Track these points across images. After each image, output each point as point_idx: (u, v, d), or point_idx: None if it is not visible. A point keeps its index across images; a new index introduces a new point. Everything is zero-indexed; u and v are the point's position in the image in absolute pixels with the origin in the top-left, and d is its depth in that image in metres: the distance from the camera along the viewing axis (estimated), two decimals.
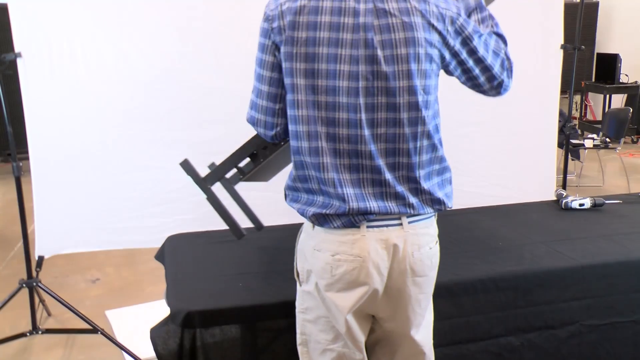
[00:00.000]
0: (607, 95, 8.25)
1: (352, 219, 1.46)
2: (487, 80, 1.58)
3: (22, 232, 2.90)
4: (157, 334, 1.77)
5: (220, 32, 2.95)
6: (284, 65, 1.45)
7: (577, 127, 6.69)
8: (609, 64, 8.08)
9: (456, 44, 1.50)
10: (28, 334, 2.97)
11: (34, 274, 2.97)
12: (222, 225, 1.76)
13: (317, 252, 1.51)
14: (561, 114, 4.16)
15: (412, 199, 1.48)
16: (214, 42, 2.96)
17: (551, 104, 3.75)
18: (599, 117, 8.55)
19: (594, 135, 5.68)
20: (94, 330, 2.87)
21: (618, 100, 8.38)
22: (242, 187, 1.79)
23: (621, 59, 8.02)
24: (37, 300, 3.06)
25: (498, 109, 3.39)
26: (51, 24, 2.78)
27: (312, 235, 1.52)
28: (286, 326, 1.73)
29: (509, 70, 1.62)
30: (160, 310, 1.94)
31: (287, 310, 1.71)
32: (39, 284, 2.96)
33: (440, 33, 1.46)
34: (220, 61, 2.96)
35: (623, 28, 8.73)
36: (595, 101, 9.05)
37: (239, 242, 1.82)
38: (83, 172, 2.92)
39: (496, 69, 1.58)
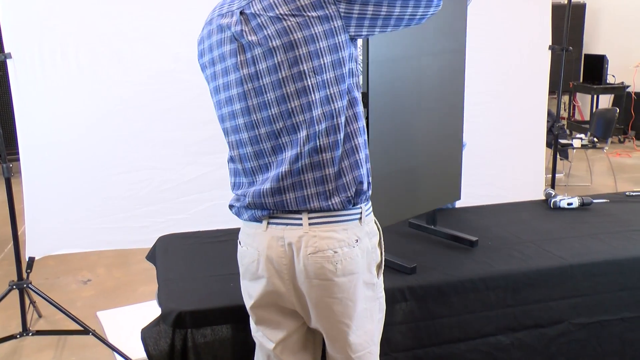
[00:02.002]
0: (595, 96, 8.30)
1: (255, 214, 1.49)
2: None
3: (12, 234, 2.88)
4: (149, 335, 1.76)
5: None
6: None
7: (565, 127, 6.72)
8: (596, 65, 8.13)
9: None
10: (18, 336, 2.95)
11: (25, 275, 2.95)
12: (213, 226, 1.76)
13: (238, 241, 1.58)
14: (549, 114, 4.18)
15: (314, 200, 1.45)
16: None
17: (540, 104, 3.77)
18: (587, 117, 8.60)
19: (582, 135, 5.71)
20: (85, 331, 2.85)
21: (605, 101, 8.43)
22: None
23: (608, 60, 8.07)
24: (27, 301, 3.04)
25: (487, 109, 3.41)
26: (42, 24, 2.76)
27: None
28: None
29: None
30: (151, 310, 1.93)
31: None
32: (30, 286, 2.94)
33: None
34: None
35: (610, 30, 8.79)
36: (583, 101, 9.10)
37: (230, 242, 1.82)
38: (74, 173, 2.91)
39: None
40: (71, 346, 3.01)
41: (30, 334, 2.98)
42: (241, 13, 1.46)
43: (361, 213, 1.48)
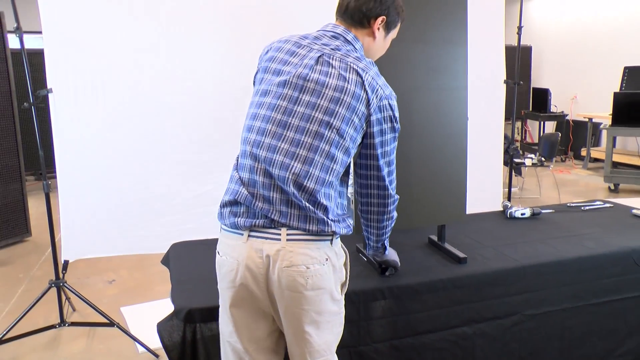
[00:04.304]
0: (542, 122, 8.36)
1: (238, 222, 1.42)
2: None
3: (51, 240, 2.88)
4: (163, 328, 1.72)
5: (224, 73, 2.95)
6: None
7: (518, 148, 6.73)
8: (542, 97, 8.21)
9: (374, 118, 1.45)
10: (57, 326, 2.94)
11: (61, 275, 2.95)
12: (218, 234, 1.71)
13: (216, 252, 1.51)
14: (505, 137, 4.17)
15: (294, 220, 1.39)
16: (215, 78, 2.96)
17: (497, 128, 3.77)
18: (536, 140, 8.65)
19: (532, 155, 5.71)
20: (111, 324, 2.84)
21: (550, 126, 8.49)
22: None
23: (551, 93, 8.15)
24: (63, 297, 3.03)
25: None
26: (77, 66, 2.79)
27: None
28: None
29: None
30: (166, 307, 1.88)
31: None
32: (65, 284, 2.94)
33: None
34: (223, 96, 2.94)
35: (552, 68, 8.90)
36: (533, 127, 9.17)
37: None
38: (101, 189, 2.90)
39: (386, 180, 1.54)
40: (99, 336, 2.97)
41: (67, 325, 2.96)
42: (320, 56, 1.44)
43: (332, 236, 1.43)
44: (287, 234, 1.39)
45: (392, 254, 1.83)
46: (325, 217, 1.40)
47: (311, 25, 2.99)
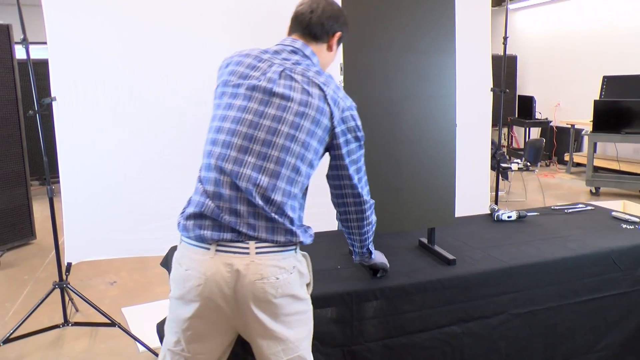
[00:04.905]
0: (527, 129, 8.39)
1: (204, 235, 1.37)
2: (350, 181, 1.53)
3: (55, 243, 2.87)
4: (162, 328, 1.68)
5: None
6: None
7: (505, 153, 6.75)
8: (527, 104, 8.23)
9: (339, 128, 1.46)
10: (61, 326, 2.92)
11: (64, 277, 2.93)
12: None
13: (177, 264, 1.43)
14: (493, 143, 4.17)
15: (262, 232, 1.37)
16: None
17: (484, 135, 3.77)
18: (522, 145, 8.67)
19: (518, 160, 5.72)
20: (112, 324, 2.81)
21: (535, 132, 8.52)
22: None
23: (536, 100, 8.18)
24: (67, 298, 3.00)
25: None
26: (81, 75, 2.78)
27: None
28: None
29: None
30: (165, 307, 1.85)
31: None
32: (68, 286, 2.93)
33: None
34: None
35: (536, 76, 8.94)
36: (518, 133, 9.20)
37: None
38: (103, 194, 2.88)
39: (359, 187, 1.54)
40: (101, 336, 2.95)
41: (70, 324, 2.94)
42: (282, 70, 1.44)
43: (297, 245, 1.42)
44: (256, 247, 1.36)
45: (379, 257, 1.82)
46: (292, 228, 1.39)
47: None
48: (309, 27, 1.52)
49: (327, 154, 1.52)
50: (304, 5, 1.55)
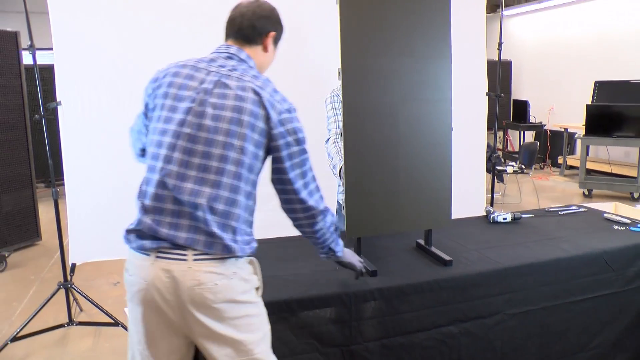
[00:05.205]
0: (522, 132, 8.40)
1: (145, 245, 1.36)
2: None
3: (59, 244, 2.86)
4: None
5: None
6: None
7: (500, 156, 6.75)
8: (522, 108, 8.25)
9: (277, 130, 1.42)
10: (66, 325, 2.93)
11: (69, 277, 2.92)
12: None
13: (125, 269, 1.43)
14: (488, 146, 4.17)
15: (200, 246, 1.34)
16: None
17: (480, 138, 3.77)
18: (517, 149, 8.67)
19: (513, 163, 5.72)
20: (116, 323, 2.81)
21: (529, 136, 8.52)
22: None
23: (530, 105, 8.19)
24: (71, 298, 3.01)
25: None
26: (85, 80, 2.79)
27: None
28: (269, 322, 1.66)
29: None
30: None
31: (269, 308, 1.63)
32: (73, 286, 2.92)
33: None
34: None
35: (530, 81, 8.96)
36: (513, 136, 9.20)
37: None
38: (107, 196, 2.88)
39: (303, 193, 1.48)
40: (105, 335, 2.94)
41: (74, 324, 2.95)
42: (218, 80, 1.42)
43: (242, 256, 1.39)
44: (194, 255, 1.34)
45: (348, 256, 1.73)
46: (230, 243, 1.36)
47: (313, 27, 2.97)
48: (240, 30, 1.51)
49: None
50: (236, 10, 1.55)
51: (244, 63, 1.50)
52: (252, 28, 1.51)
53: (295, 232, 1.61)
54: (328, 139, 2.38)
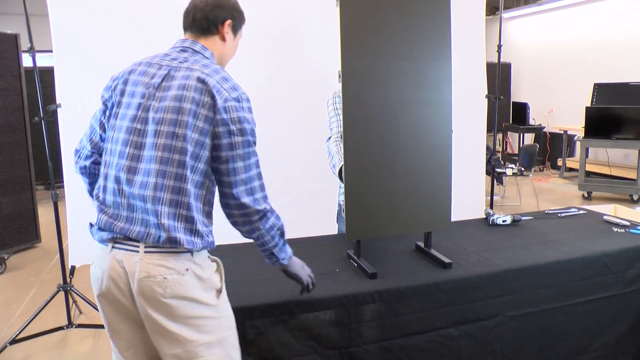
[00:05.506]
0: (521, 134, 8.40)
1: (103, 236, 1.40)
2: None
3: (59, 246, 2.86)
4: None
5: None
6: None
7: (500, 158, 6.75)
8: (521, 111, 8.25)
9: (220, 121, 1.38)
10: (65, 327, 2.92)
11: (68, 280, 2.91)
12: (217, 242, 1.68)
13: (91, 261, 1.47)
14: (488, 148, 4.17)
15: (150, 239, 1.35)
16: None
17: (479, 140, 3.77)
18: (516, 151, 8.67)
19: (513, 165, 5.72)
20: None
21: (529, 138, 8.52)
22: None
23: (529, 107, 8.19)
24: (71, 301, 3.00)
25: None
26: (84, 82, 2.78)
27: None
28: (269, 324, 1.66)
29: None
30: None
31: (269, 311, 1.65)
32: (72, 288, 2.91)
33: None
34: None
35: (529, 83, 8.96)
36: (513, 138, 9.20)
37: (227, 256, 1.75)
38: None
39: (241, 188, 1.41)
40: (104, 337, 2.93)
41: (74, 326, 2.94)
42: (167, 73, 1.43)
43: (192, 249, 1.38)
44: (145, 247, 1.35)
45: (295, 266, 1.61)
46: (177, 235, 1.34)
47: (313, 29, 2.99)
48: (194, 22, 1.51)
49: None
50: (190, 2, 1.55)
51: (198, 54, 1.49)
52: (206, 19, 1.51)
53: (293, 234, 1.61)
54: (329, 137, 2.38)
